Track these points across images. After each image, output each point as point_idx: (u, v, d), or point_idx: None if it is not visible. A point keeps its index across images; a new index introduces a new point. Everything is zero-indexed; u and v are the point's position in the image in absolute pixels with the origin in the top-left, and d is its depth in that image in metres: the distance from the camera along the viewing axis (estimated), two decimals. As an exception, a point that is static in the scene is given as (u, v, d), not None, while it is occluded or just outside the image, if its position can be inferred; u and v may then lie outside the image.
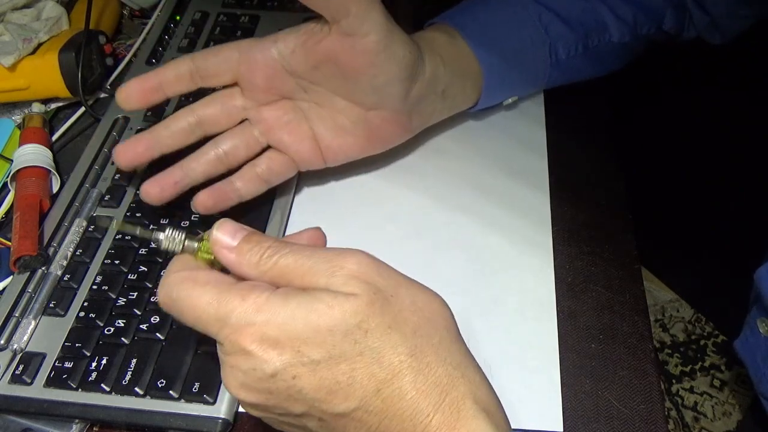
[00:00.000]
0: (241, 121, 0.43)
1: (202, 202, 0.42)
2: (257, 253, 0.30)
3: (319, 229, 0.35)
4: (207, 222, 0.45)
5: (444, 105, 0.47)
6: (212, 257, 0.31)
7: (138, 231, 0.32)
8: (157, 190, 0.42)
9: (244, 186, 0.43)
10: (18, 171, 0.48)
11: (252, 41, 0.41)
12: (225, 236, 0.30)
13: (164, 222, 0.45)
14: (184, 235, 0.31)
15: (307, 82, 0.41)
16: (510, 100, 0.51)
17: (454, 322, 0.31)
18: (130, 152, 0.41)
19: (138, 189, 0.47)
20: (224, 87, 0.42)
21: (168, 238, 0.31)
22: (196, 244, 0.31)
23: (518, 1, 0.48)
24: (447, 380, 0.28)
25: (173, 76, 0.41)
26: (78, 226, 0.45)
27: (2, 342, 0.40)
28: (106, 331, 0.40)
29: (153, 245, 0.43)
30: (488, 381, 0.30)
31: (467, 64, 0.46)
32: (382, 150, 0.46)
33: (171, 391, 0.37)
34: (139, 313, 0.40)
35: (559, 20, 0.48)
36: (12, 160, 0.50)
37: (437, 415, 0.28)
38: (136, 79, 0.40)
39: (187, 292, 0.29)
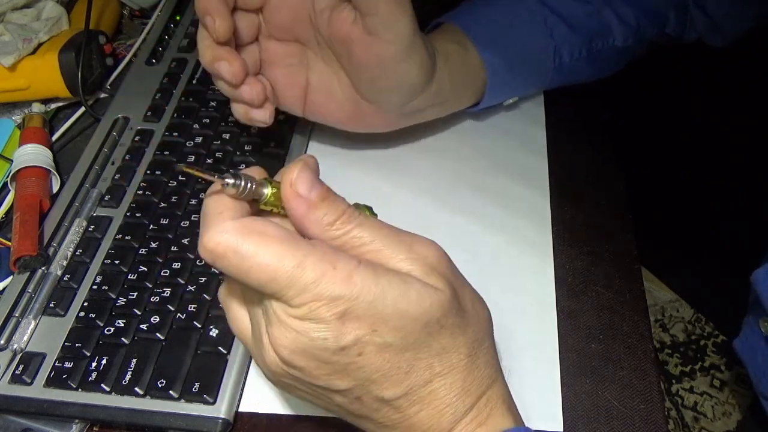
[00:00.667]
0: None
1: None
2: (333, 214, 0.27)
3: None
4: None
5: (441, 110, 0.47)
6: (276, 209, 0.27)
7: (203, 172, 0.27)
8: (254, 91, 0.40)
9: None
10: (18, 171, 0.48)
11: None
12: (303, 184, 0.27)
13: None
14: (252, 183, 0.27)
15: (324, 41, 0.41)
16: (510, 101, 0.51)
17: (492, 324, 0.33)
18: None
19: (138, 189, 0.47)
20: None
21: (237, 183, 0.26)
22: (266, 191, 0.27)
23: (524, 4, 0.48)
24: (488, 381, 0.30)
25: None
26: (78, 226, 0.45)
27: (2, 342, 0.40)
28: (106, 331, 0.40)
29: (153, 245, 0.44)
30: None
31: (473, 70, 0.46)
32: (361, 131, 0.46)
33: (171, 391, 0.37)
34: (139, 313, 0.40)
35: (564, 24, 0.48)
36: (12, 160, 0.50)
37: (472, 411, 0.29)
38: None
39: (263, 249, 0.25)
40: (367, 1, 0.37)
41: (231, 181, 0.26)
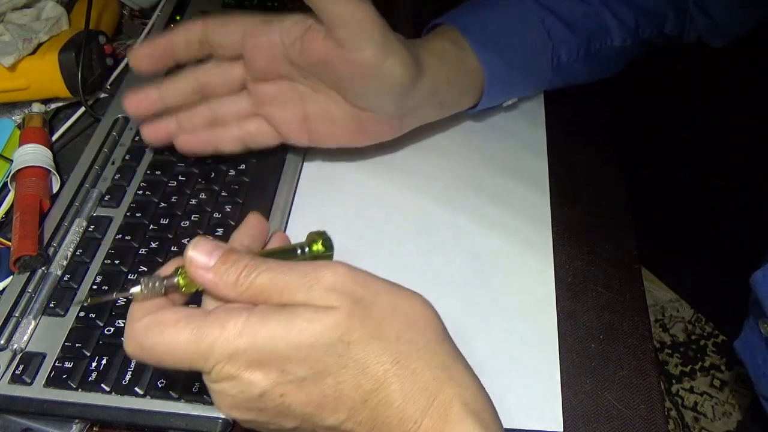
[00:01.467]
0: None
1: (184, 142, 0.45)
2: (235, 272, 0.29)
3: (257, 214, 0.37)
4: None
5: (441, 111, 0.47)
6: (196, 286, 0.30)
7: (114, 295, 0.32)
8: (152, 133, 0.46)
9: (223, 141, 0.45)
10: (18, 171, 0.48)
11: (259, 21, 0.41)
12: (201, 255, 0.29)
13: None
14: (159, 281, 0.30)
15: (306, 70, 0.42)
16: (509, 102, 0.51)
17: (440, 322, 0.30)
18: (138, 102, 0.44)
19: (138, 189, 0.47)
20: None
21: (146, 287, 0.30)
22: (175, 279, 0.30)
23: (522, 5, 0.48)
24: (434, 384, 0.28)
25: (183, 41, 0.42)
26: (78, 226, 0.45)
27: (2, 342, 0.40)
28: (106, 331, 0.40)
29: (153, 245, 0.44)
30: (478, 381, 0.30)
31: (471, 71, 0.46)
32: (370, 144, 0.47)
33: (171, 391, 0.37)
34: (139, 313, 0.40)
35: (562, 24, 0.48)
36: (12, 160, 0.50)
37: (426, 419, 0.28)
38: (148, 43, 0.42)
39: (160, 337, 0.28)
40: (331, 15, 0.38)
41: (136, 289, 0.30)
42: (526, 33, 0.48)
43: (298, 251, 0.33)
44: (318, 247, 0.33)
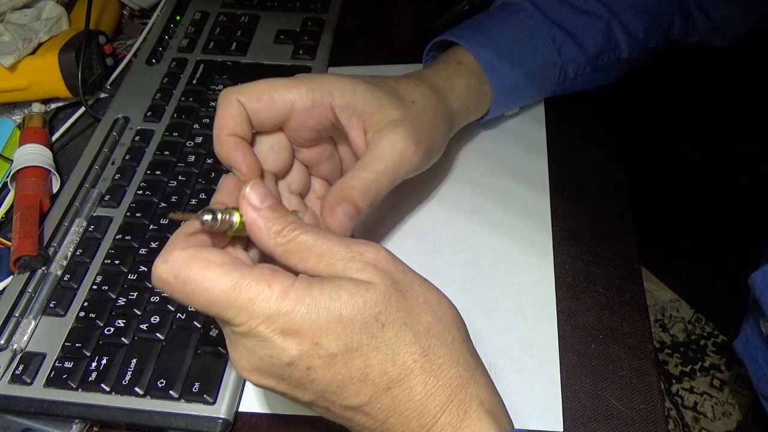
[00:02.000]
0: None
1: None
2: (281, 223, 0.29)
3: (231, 176, 0.34)
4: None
5: (451, 132, 0.46)
6: (243, 233, 0.30)
7: (187, 215, 0.30)
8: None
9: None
10: (18, 171, 0.48)
11: (309, 92, 0.36)
12: (255, 196, 0.29)
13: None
14: (223, 213, 0.30)
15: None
16: (512, 111, 0.51)
17: (463, 323, 0.31)
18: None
19: (138, 189, 0.47)
20: None
21: (215, 219, 0.29)
22: (235, 218, 0.30)
23: (533, 22, 0.48)
24: (457, 382, 0.29)
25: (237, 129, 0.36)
26: (78, 226, 0.45)
27: (2, 342, 0.40)
28: (106, 331, 0.40)
29: (153, 245, 0.44)
30: (493, 382, 0.31)
31: (479, 91, 0.46)
32: None
33: (171, 391, 0.37)
34: (139, 313, 0.40)
35: (573, 42, 0.48)
36: (12, 160, 0.50)
37: (444, 415, 0.28)
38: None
39: (201, 273, 0.27)
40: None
41: (207, 216, 0.29)
42: (535, 51, 0.47)
43: None
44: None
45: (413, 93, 0.40)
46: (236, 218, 0.30)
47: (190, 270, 0.27)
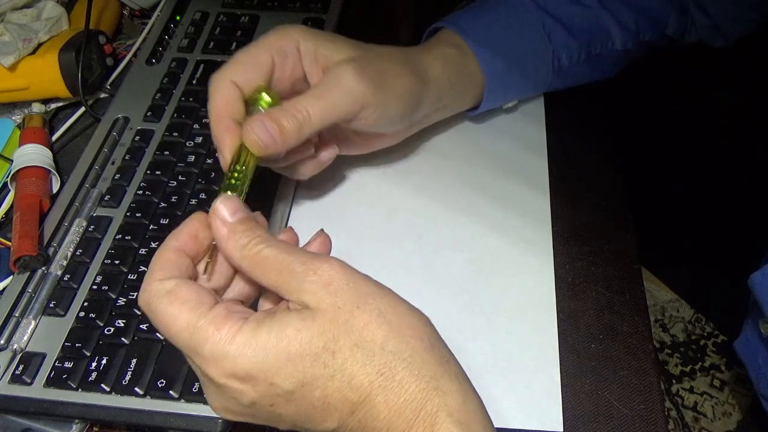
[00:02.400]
0: None
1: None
2: (247, 237, 0.30)
3: (323, 233, 0.35)
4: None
5: (444, 112, 0.48)
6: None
7: None
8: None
9: None
10: (18, 171, 0.48)
11: (281, 45, 0.40)
12: (225, 210, 0.31)
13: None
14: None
15: None
16: (510, 104, 0.51)
17: (428, 328, 0.30)
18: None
19: (138, 189, 0.47)
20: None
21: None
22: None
23: (523, 8, 0.48)
24: (420, 395, 0.28)
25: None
26: (78, 226, 0.45)
27: (2, 342, 0.40)
28: (106, 331, 0.40)
29: (153, 245, 0.44)
30: (468, 387, 0.29)
31: (472, 74, 0.47)
32: (375, 150, 0.47)
33: (171, 391, 0.37)
34: (139, 313, 0.40)
35: (563, 28, 0.48)
36: (12, 160, 0.50)
37: (412, 430, 0.28)
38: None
39: (165, 308, 0.29)
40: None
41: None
42: (526, 37, 0.48)
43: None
44: (263, 102, 0.37)
45: (378, 47, 0.42)
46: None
47: (159, 303, 0.29)
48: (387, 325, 0.28)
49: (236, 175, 0.34)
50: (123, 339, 0.39)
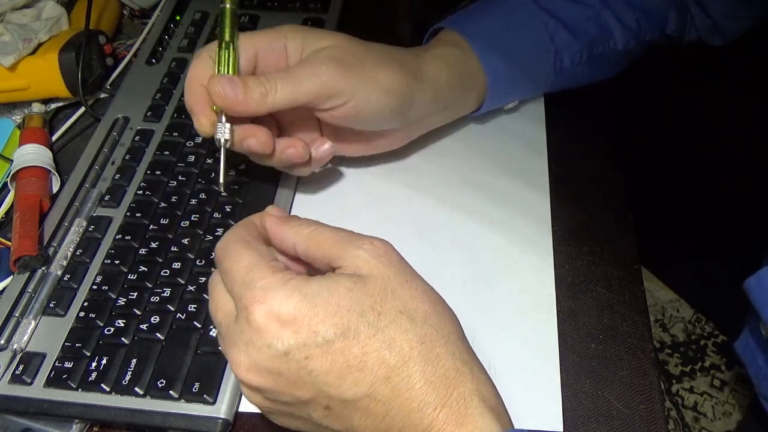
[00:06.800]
0: None
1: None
2: (297, 221, 0.33)
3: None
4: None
5: (445, 115, 0.48)
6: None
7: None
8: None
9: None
10: (18, 171, 0.48)
11: (267, 38, 0.41)
12: (275, 211, 0.34)
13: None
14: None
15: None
16: (511, 105, 0.51)
17: (460, 325, 0.32)
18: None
19: (138, 189, 0.47)
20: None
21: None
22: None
23: (525, 9, 0.48)
24: (455, 375, 0.29)
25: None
26: (78, 226, 0.45)
27: (2, 342, 0.40)
28: (106, 331, 0.40)
29: (153, 245, 0.44)
30: (493, 382, 0.31)
31: (473, 75, 0.46)
32: (380, 152, 0.48)
33: (171, 391, 0.37)
34: (139, 313, 0.40)
35: (565, 29, 0.48)
36: (12, 160, 0.50)
37: (444, 409, 0.28)
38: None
39: (239, 249, 0.31)
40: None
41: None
42: (528, 37, 0.48)
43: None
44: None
45: (371, 42, 0.43)
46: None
47: (235, 244, 0.31)
48: (430, 303, 0.30)
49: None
50: (123, 339, 0.39)
